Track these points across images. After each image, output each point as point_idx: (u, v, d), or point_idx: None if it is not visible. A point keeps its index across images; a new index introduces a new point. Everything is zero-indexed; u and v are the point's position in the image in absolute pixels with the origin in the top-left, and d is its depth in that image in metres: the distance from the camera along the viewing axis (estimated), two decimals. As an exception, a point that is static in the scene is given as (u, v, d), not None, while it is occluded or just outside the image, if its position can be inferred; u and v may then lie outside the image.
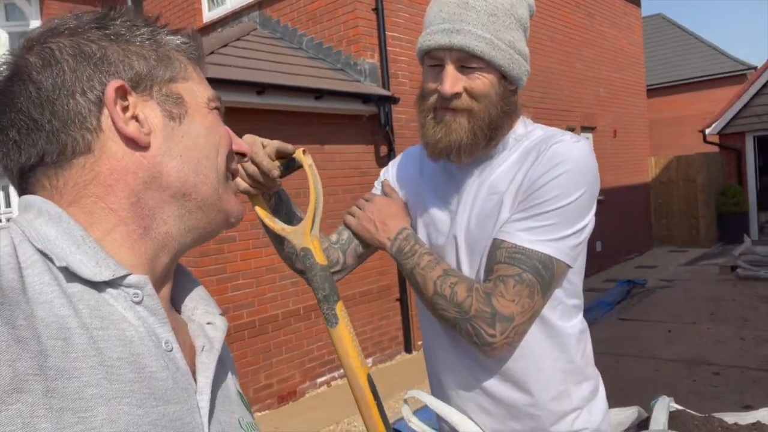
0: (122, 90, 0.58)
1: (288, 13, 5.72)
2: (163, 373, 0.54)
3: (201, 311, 0.68)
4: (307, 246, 0.98)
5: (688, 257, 9.91)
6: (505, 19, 1.03)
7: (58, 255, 0.52)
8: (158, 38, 0.63)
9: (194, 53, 0.67)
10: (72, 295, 0.51)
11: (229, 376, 0.68)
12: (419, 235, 1.21)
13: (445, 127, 1.07)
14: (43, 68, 0.56)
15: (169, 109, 0.61)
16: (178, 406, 0.54)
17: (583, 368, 1.16)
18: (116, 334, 0.52)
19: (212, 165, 0.64)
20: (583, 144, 1.07)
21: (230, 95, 4.05)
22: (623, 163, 9.80)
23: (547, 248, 1.01)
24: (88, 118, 0.57)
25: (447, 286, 1.05)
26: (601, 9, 9.15)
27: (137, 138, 0.58)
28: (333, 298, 0.95)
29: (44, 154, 0.56)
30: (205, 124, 0.64)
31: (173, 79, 0.63)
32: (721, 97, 14.45)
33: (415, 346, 5.56)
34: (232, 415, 0.63)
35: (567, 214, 1.02)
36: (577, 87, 8.47)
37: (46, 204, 0.55)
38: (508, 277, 1.01)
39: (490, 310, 1.00)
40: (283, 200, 1.12)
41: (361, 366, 0.94)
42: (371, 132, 5.27)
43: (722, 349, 4.90)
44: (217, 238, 4.12)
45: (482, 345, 1.02)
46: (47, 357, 0.46)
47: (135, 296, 0.55)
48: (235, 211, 0.67)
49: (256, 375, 4.36)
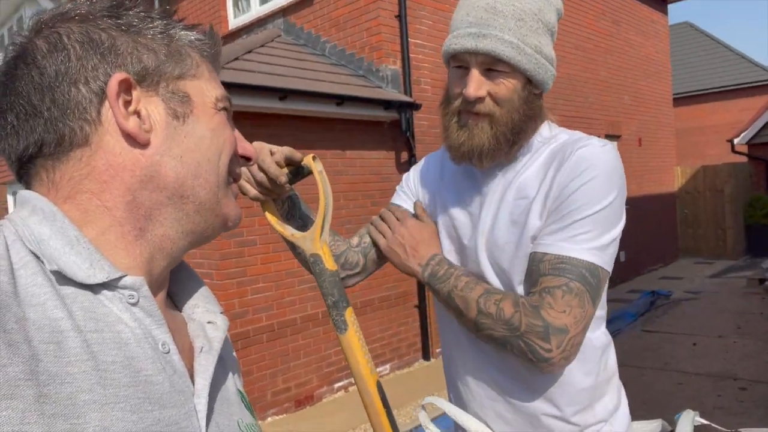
0: (126, 83, 0.56)
1: (312, 20, 5.77)
2: (159, 377, 0.53)
3: (201, 309, 0.67)
4: (317, 252, 0.98)
5: (715, 269, 9.69)
6: (532, 24, 1.03)
7: (51, 257, 0.51)
8: (171, 32, 0.61)
9: (209, 51, 0.65)
10: (65, 296, 0.50)
11: (229, 377, 0.67)
12: (442, 239, 1.20)
13: (468, 131, 1.07)
14: (48, 53, 0.55)
15: (174, 107, 0.59)
16: (175, 410, 0.53)
17: (607, 381, 1.14)
18: (111, 336, 0.51)
19: (213, 168, 0.61)
20: (610, 147, 1.06)
21: (253, 100, 4.09)
22: (648, 172, 9.64)
23: (590, 256, 0.99)
24: (88, 109, 0.55)
25: (492, 304, 1.02)
26: (626, 17, 9.05)
27: (136, 135, 0.56)
28: (342, 304, 0.95)
29: (42, 143, 0.55)
30: (210, 126, 0.62)
31: (182, 76, 0.61)
32: (749, 107, 14.16)
33: (434, 354, 5.53)
34: (230, 418, 0.62)
35: (602, 220, 1.00)
36: (602, 95, 8.37)
37: (40, 201, 0.54)
38: (554, 288, 0.98)
39: (542, 323, 0.96)
40: (296, 205, 1.12)
41: (370, 373, 0.93)
42: (392, 138, 5.27)
43: (749, 364, 4.77)
44: (237, 242, 4.16)
45: (538, 361, 0.97)
46: (39, 361, 0.44)
47: (131, 298, 0.54)
48: (233, 215, 0.65)
49: (274, 378, 4.37)
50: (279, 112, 4.34)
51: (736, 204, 10.78)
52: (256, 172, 1.00)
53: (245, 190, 1.02)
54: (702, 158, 14.86)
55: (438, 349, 5.56)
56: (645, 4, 9.60)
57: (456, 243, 1.18)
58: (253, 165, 1.00)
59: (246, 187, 1.02)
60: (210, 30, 0.66)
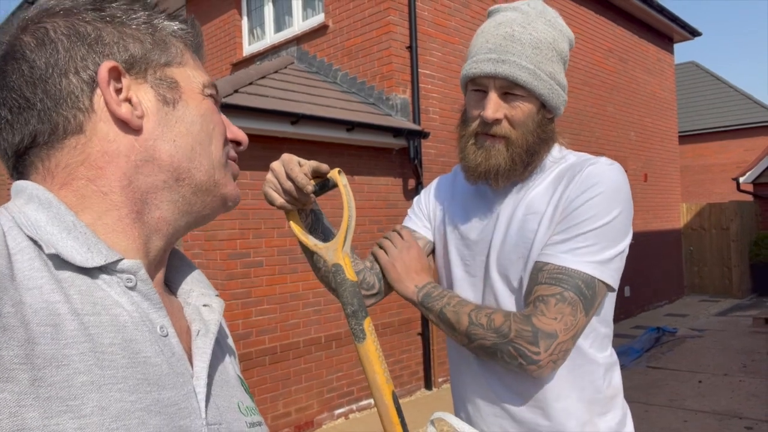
0: (116, 71, 0.57)
1: (324, 48, 5.90)
2: (157, 359, 0.53)
3: (197, 293, 0.67)
4: (339, 262, 1.00)
5: (721, 307, 9.61)
6: (547, 52, 1.08)
7: (48, 242, 0.51)
8: (155, 22, 0.62)
9: (192, 40, 0.66)
10: (63, 280, 0.50)
11: (227, 359, 0.67)
12: (452, 257, 1.23)
13: (485, 152, 1.11)
14: (36, 47, 0.56)
15: (163, 93, 0.60)
16: (174, 391, 0.53)
17: (610, 399, 1.15)
18: (109, 319, 0.51)
19: (206, 152, 0.62)
20: (617, 166, 1.10)
21: (266, 124, 4.17)
22: (653, 208, 9.66)
23: (589, 268, 1.02)
24: (81, 98, 0.56)
25: (483, 316, 1.05)
26: (634, 55, 9.20)
27: (129, 120, 0.57)
28: (361, 314, 0.97)
29: (36, 134, 0.56)
30: (199, 111, 0.63)
31: (168, 63, 0.62)
32: (754, 146, 14.23)
33: (436, 383, 5.47)
34: (230, 399, 0.62)
35: (607, 235, 1.03)
36: (609, 130, 8.45)
37: (36, 189, 0.54)
38: (548, 296, 1.01)
39: (531, 329, 0.99)
40: (319, 219, 1.15)
41: (386, 383, 0.94)
42: (400, 165, 5.33)
43: (755, 404, 4.70)
44: (244, 263, 4.18)
45: (528, 364, 1.00)
46: (35, 345, 0.45)
47: (128, 281, 0.54)
48: (232, 195, 0.66)
49: (275, 402, 4.33)
50: (290, 136, 4.41)
51: (741, 242, 10.75)
52: (284, 180, 1.02)
53: (272, 198, 1.05)
54: (707, 196, 14.87)
55: (440, 379, 5.50)
56: (652, 44, 9.77)
57: (467, 260, 1.21)
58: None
59: (273, 196, 1.04)
60: (191, 20, 0.67)
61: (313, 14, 6.23)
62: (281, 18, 6.69)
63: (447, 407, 1.28)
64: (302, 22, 6.33)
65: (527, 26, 1.08)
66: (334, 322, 4.77)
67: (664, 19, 9.47)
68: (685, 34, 10.31)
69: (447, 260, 1.26)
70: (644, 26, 9.50)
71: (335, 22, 5.77)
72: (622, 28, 8.92)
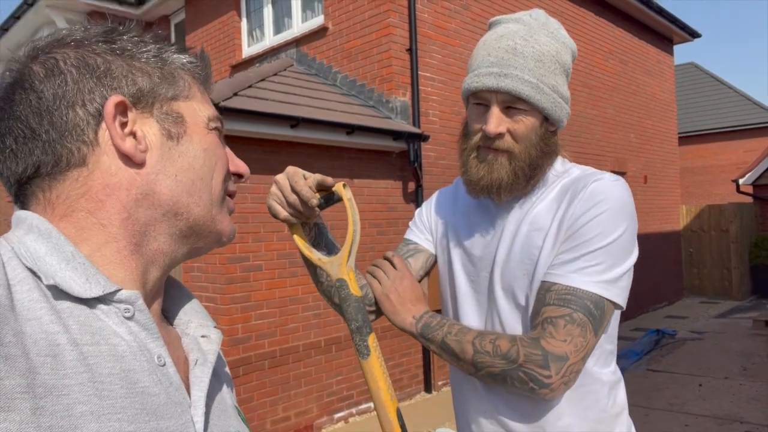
0: (122, 105, 0.58)
1: (324, 51, 5.89)
2: (155, 388, 0.53)
3: (195, 324, 0.67)
4: (343, 277, 0.99)
5: (720, 309, 9.60)
6: (550, 65, 1.07)
7: (47, 272, 0.51)
8: (164, 56, 0.63)
9: (200, 73, 0.67)
10: (62, 311, 0.50)
11: (224, 389, 0.67)
12: (456, 272, 1.22)
13: (488, 166, 1.10)
14: (45, 78, 0.56)
15: (168, 127, 0.61)
16: (172, 421, 0.53)
17: (615, 417, 1.14)
18: (107, 349, 0.51)
19: (206, 187, 0.63)
20: (622, 182, 1.09)
21: (265, 127, 4.15)
22: (653, 210, 9.65)
23: (597, 288, 1.01)
24: (86, 131, 0.56)
25: (487, 343, 1.03)
26: (634, 57, 9.20)
27: (133, 155, 0.57)
28: (366, 330, 0.96)
29: (40, 164, 0.56)
30: (203, 146, 0.63)
31: (176, 97, 0.62)
32: (753, 148, 14.23)
33: (435, 386, 5.46)
34: (227, 429, 0.62)
35: (613, 253, 1.02)
36: (609, 132, 8.45)
37: (36, 220, 0.55)
38: (557, 318, 0.99)
39: (541, 352, 0.97)
40: (323, 233, 1.13)
41: (390, 400, 0.93)
42: (400, 168, 5.32)
43: (756, 407, 4.69)
44: (243, 267, 4.17)
45: (540, 388, 0.98)
46: (36, 374, 0.45)
47: (126, 311, 0.54)
48: (227, 231, 0.67)
49: (274, 406, 4.32)
50: (290, 139, 4.40)
51: (741, 244, 10.74)
52: (288, 194, 1.01)
53: (276, 212, 1.03)
54: (707, 197, 14.87)
55: (440, 382, 5.49)
56: (652, 45, 9.77)
57: (472, 276, 1.19)
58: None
59: (277, 209, 1.03)
60: (201, 53, 0.68)
61: (312, 16, 6.22)
62: (281, 20, 6.68)
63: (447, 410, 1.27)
64: (302, 24, 6.32)
65: (529, 39, 1.06)
66: (333, 325, 4.75)
67: (664, 21, 9.46)
68: (685, 35, 10.31)
69: (451, 275, 1.24)
70: (644, 28, 9.50)
71: (335, 24, 5.76)
72: (622, 30, 8.92)
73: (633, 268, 1.07)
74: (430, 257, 1.30)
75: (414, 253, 1.29)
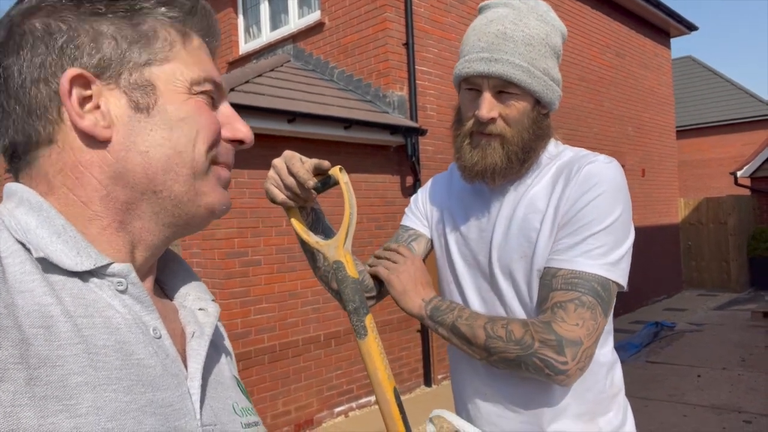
0: (82, 78, 0.54)
1: (321, 46, 5.88)
2: (151, 360, 0.53)
3: (193, 297, 0.66)
4: (340, 259, 0.99)
5: (719, 301, 9.63)
6: (540, 48, 1.07)
7: (37, 245, 0.50)
8: (141, 13, 0.57)
9: (192, 27, 0.61)
10: (54, 283, 0.50)
11: (222, 360, 0.67)
12: (453, 256, 1.23)
13: (481, 151, 1.10)
14: (12, 52, 0.54)
15: (137, 99, 0.56)
16: (168, 392, 0.53)
17: (612, 397, 1.15)
18: (102, 321, 0.51)
19: (185, 160, 0.58)
20: (615, 164, 1.10)
21: (262, 122, 4.15)
22: (651, 203, 9.67)
23: (603, 270, 1.02)
24: (49, 108, 0.54)
25: (500, 327, 1.03)
26: (630, 50, 9.20)
27: (93, 132, 0.54)
28: (363, 311, 0.96)
29: (15, 143, 0.55)
30: (179, 115, 0.57)
31: (149, 62, 0.57)
32: (751, 140, 14.24)
33: (435, 380, 5.47)
34: (225, 401, 0.61)
35: (613, 234, 1.03)
36: (606, 126, 8.45)
37: (27, 193, 0.54)
38: (567, 302, 1.00)
39: (555, 338, 0.98)
40: (320, 218, 1.14)
41: (387, 379, 0.94)
42: (398, 162, 5.33)
43: (754, 397, 4.72)
44: (242, 261, 4.17)
45: (556, 374, 0.98)
46: (29, 345, 0.44)
47: (119, 285, 0.54)
48: (218, 203, 0.62)
49: (274, 401, 4.34)
50: (287, 134, 4.40)
51: (739, 236, 10.77)
52: (285, 176, 1.01)
53: (273, 194, 1.04)
54: (705, 190, 14.89)
55: (440, 376, 5.51)
56: (648, 38, 9.76)
57: (469, 260, 1.20)
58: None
59: (274, 192, 1.04)
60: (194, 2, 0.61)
61: (309, 12, 6.22)
62: (277, 16, 6.67)
63: (447, 404, 1.27)
64: (298, 19, 6.31)
65: (519, 23, 1.07)
66: (333, 320, 4.76)
67: (661, 14, 9.46)
68: (682, 28, 10.31)
69: (450, 260, 1.25)
70: (641, 21, 9.49)
71: (331, 20, 5.75)
72: (619, 23, 8.91)
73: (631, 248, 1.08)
74: (428, 242, 1.32)
75: (415, 238, 1.30)
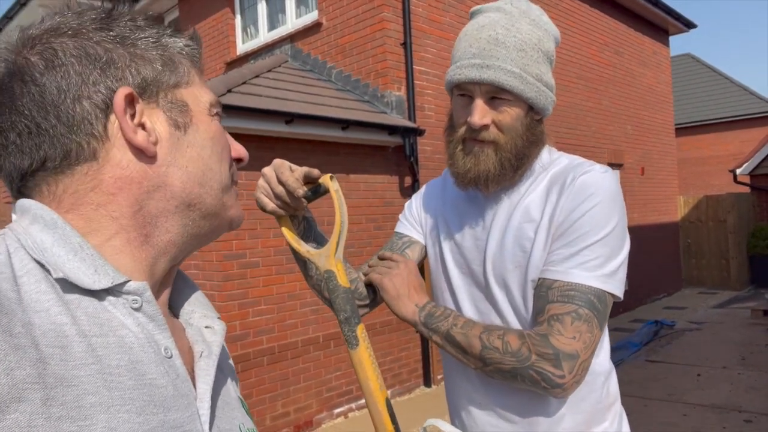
0: (131, 97, 0.56)
1: (318, 46, 5.87)
2: (163, 380, 0.53)
3: (198, 315, 0.67)
4: (331, 268, 0.99)
5: (719, 299, 9.62)
6: (532, 54, 1.06)
7: (55, 264, 0.51)
8: (163, 41, 0.61)
9: (197, 56, 0.65)
10: (70, 302, 0.50)
11: (229, 382, 0.67)
12: (447, 263, 1.22)
13: (474, 157, 1.09)
14: (46, 70, 0.54)
15: (175, 117, 0.59)
16: (179, 413, 0.53)
17: (608, 407, 1.14)
18: (115, 341, 0.51)
19: (216, 176, 0.62)
20: (610, 174, 1.09)
21: (260, 124, 4.14)
22: (651, 201, 9.66)
23: (599, 282, 1.01)
24: (95, 124, 0.55)
25: (496, 338, 1.02)
26: (629, 48, 9.18)
27: (145, 148, 0.56)
28: (354, 321, 0.96)
29: (47, 159, 0.55)
30: (209, 135, 0.62)
31: (178, 84, 0.60)
32: (750, 138, 14.24)
33: (435, 380, 5.47)
34: (232, 422, 0.62)
35: (609, 245, 1.03)
36: (605, 124, 8.44)
37: (41, 209, 0.54)
38: (563, 315, 0.99)
39: (552, 351, 0.97)
40: (312, 227, 1.13)
41: (380, 389, 0.93)
42: (396, 163, 5.32)
43: (754, 396, 4.71)
44: (240, 263, 4.16)
45: (552, 387, 0.98)
46: (46, 365, 0.45)
47: (134, 302, 0.54)
48: (237, 217, 0.67)
49: (274, 402, 4.33)
50: (285, 135, 4.39)
51: (739, 234, 10.76)
52: (275, 185, 1.01)
53: (263, 204, 1.03)
54: (705, 188, 14.89)
55: (439, 376, 5.50)
56: (647, 36, 9.75)
57: (463, 268, 1.19)
58: (273, 179, 1.01)
59: (264, 201, 1.03)
60: (194, 33, 0.66)
61: (306, 12, 6.20)
62: (275, 16, 6.66)
63: (446, 405, 1.27)
64: (296, 19, 6.30)
65: (511, 28, 1.05)
66: (331, 321, 4.76)
67: (659, 12, 9.44)
68: (680, 26, 10.29)
69: (444, 267, 1.24)
70: (639, 19, 9.48)
71: (329, 20, 5.74)
72: (617, 21, 8.90)
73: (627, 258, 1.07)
74: (423, 249, 1.30)
75: (409, 245, 1.29)
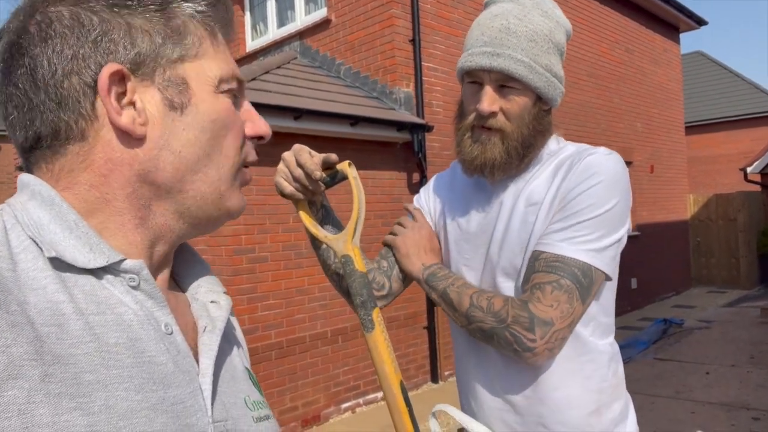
0: (119, 74, 0.52)
1: (327, 43, 5.89)
2: (162, 357, 0.52)
3: (204, 289, 0.65)
4: (348, 253, 1.00)
5: (728, 298, 9.56)
6: (543, 44, 1.08)
7: (50, 242, 0.50)
8: (172, 7, 0.56)
9: (217, 21, 0.59)
10: (67, 279, 0.49)
11: (234, 353, 0.65)
12: (451, 249, 1.24)
13: (481, 145, 1.12)
14: (40, 41, 0.52)
15: (171, 97, 0.55)
16: (180, 390, 0.52)
17: (615, 388, 1.15)
18: (113, 318, 0.50)
19: (213, 163, 0.58)
20: (615, 156, 1.10)
21: (269, 119, 4.16)
22: (660, 199, 9.61)
23: (586, 256, 1.03)
24: (83, 103, 0.52)
25: (484, 299, 1.06)
26: (640, 45, 9.13)
27: (130, 130, 0.53)
28: (370, 305, 0.97)
29: (40, 136, 0.53)
30: (210, 116, 0.57)
31: (182, 58, 0.56)
32: (761, 136, 14.12)
33: (442, 377, 5.48)
34: (237, 395, 0.61)
35: (604, 223, 1.04)
36: (615, 121, 8.41)
37: (40, 185, 0.53)
38: (545, 284, 1.02)
39: (528, 315, 1.00)
40: (329, 214, 1.15)
41: (394, 372, 0.95)
42: (404, 159, 5.33)
43: (763, 394, 4.69)
44: (249, 258, 4.19)
45: (523, 351, 1.01)
46: (43, 342, 0.44)
47: (131, 281, 0.53)
48: (236, 207, 0.62)
49: (282, 397, 4.36)
50: (294, 131, 4.41)
51: (749, 233, 10.68)
52: (294, 168, 1.03)
53: (282, 187, 1.05)
54: (714, 187, 14.78)
55: (446, 372, 5.52)
56: (658, 34, 9.69)
57: (465, 254, 1.21)
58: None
59: (283, 184, 1.05)
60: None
61: (315, 9, 6.22)
62: (284, 13, 6.68)
63: (453, 400, 1.28)
64: (305, 16, 6.32)
65: (523, 18, 1.07)
66: (339, 316, 4.78)
67: (670, 9, 9.39)
68: (691, 23, 10.22)
69: (446, 252, 1.26)
70: (650, 16, 9.42)
71: (338, 17, 5.75)
72: (628, 19, 8.85)
73: (624, 242, 1.08)
74: None
75: None
